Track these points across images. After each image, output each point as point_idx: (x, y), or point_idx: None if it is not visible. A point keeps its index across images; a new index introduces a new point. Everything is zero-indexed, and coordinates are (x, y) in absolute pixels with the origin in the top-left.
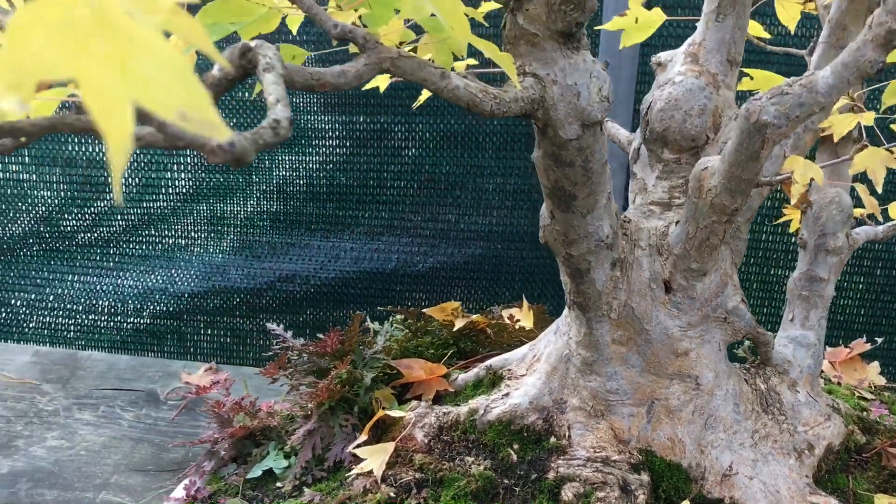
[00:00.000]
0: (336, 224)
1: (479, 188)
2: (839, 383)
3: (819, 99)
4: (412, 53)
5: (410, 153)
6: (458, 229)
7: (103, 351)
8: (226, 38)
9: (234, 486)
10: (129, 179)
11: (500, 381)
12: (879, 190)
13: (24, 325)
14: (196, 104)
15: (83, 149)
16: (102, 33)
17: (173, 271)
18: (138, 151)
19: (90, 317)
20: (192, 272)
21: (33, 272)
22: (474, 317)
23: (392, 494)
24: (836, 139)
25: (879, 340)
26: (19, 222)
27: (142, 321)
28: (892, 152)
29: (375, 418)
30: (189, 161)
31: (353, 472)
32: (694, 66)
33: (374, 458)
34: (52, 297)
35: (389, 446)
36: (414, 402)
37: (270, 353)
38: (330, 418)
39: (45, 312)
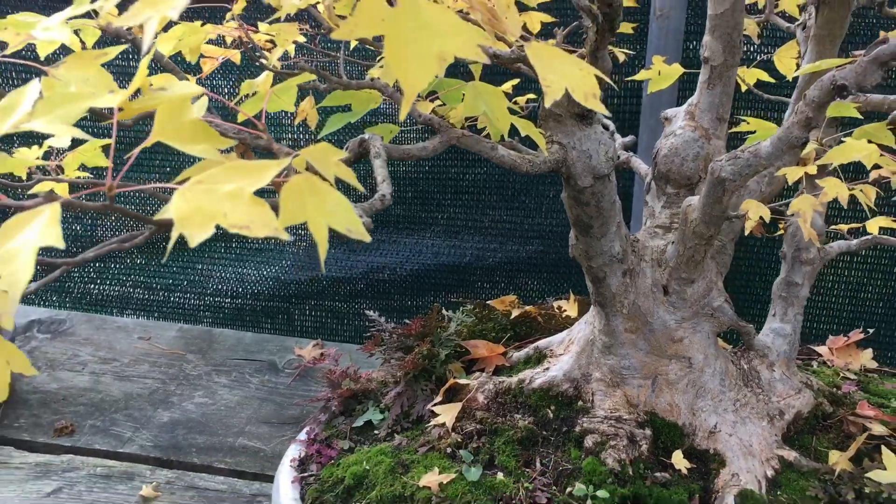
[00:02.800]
0: (419, 224)
1: (540, 195)
2: (831, 366)
3: (762, 161)
4: (470, 133)
5: (483, 167)
6: (522, 229)
7: (229, 328)
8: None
9: (343, 432)
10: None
11: (543, 358)
12: (805, 229)
13: (165, 305)
14: (354, 223)
15: None
16: (313, 193)
17: (284, 262)
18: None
19: (216, 299)
20: (300, 263)
21: (171, 262)
22: (528, 307)
23: (459, 439)
24: (790, 182)
25: (871, 331)
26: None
27: (258, 303)
28: (849, 187)
29: (448, 385)
30: None
31: (431, 423)
32: (691, 122)
33: (447, 414)
34: (185, 283)
35: (458, 405)
36: (478, 374)
37: (367, 334)
38: (414, 384)
39: (181, 295)
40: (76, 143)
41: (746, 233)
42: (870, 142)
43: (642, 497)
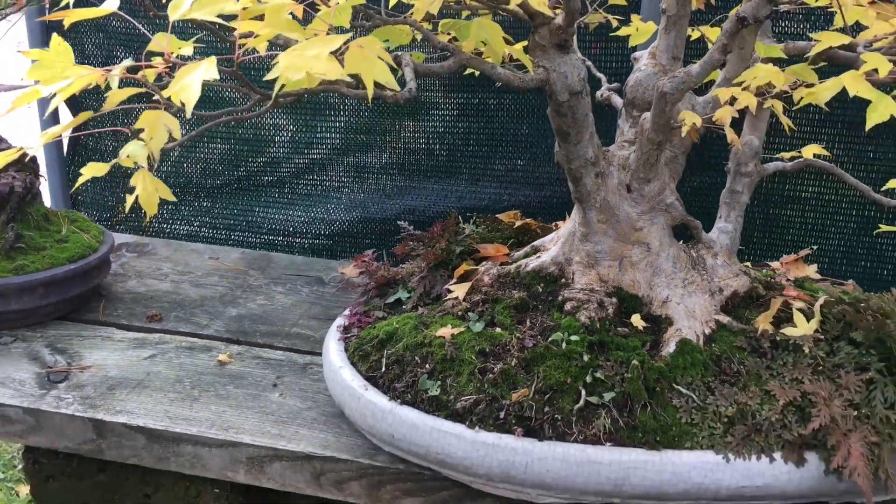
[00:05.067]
0: (445, 172)
1: (549, 146)
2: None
3: (693, 79)
4: (476, 56)
5: (500, 120)
6: (534, 176)
7: None
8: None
9: (378, 307)
10: (297, 136)
11: (536, 251)
12: (728, 132)
13: (226, 242)
14: (390, 80)
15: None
16: (365, 57)
17: (329, 205)
18: (307, 118)
19: (270, 237)
20: (342, 206)
21: (232, 206)
22: (528, 220)
23: (468, 307)
24: (721, 102)
25: (815, 247)
26: (222, 174)
27: (306, 241)
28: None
29: (461, 270)
30: (341, 125)
31: (447, 298)
32: (652, 60)
33: (459, 290)
34: (244, 223)
35: (468, 284)
36: (485, 263)
37: (398, 238)
38: (434, 272)
39: (240, 234)
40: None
41: (683, 134)
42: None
43: (606, 343)
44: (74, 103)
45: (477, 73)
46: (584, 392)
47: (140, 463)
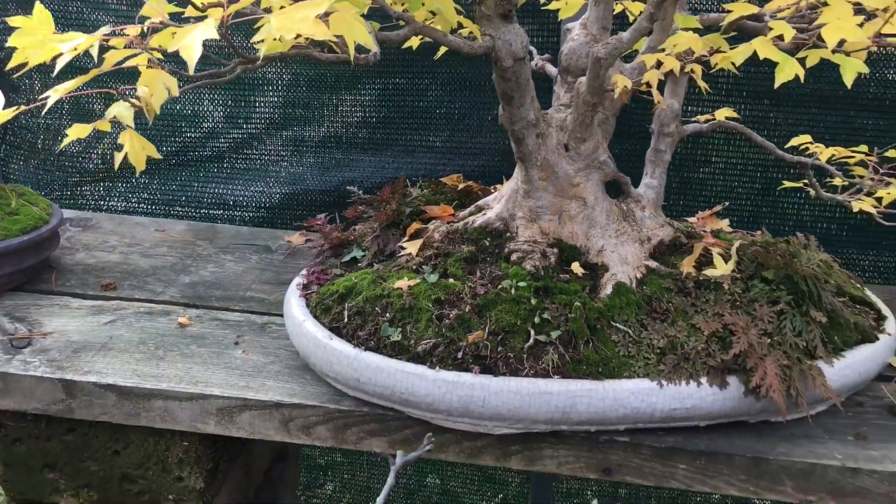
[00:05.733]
0: (381, 144)
1: (481, 118)
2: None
3: (624, 45)
4: (429, 25)
5: (434, 93)
6: (467, 147)
7: None
8: None
9: (334, 265)
10: (235, 111)
11: (480, 209)
12: (655, 94)
13: (165, 218)
14: (369, 41)
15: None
16: (346, 21)
17: (268, 179)
18: (245, 93)
19: (211, 211)
20: (281, 180)
21: (170, 182)
22: (471, 182)
23: (421, 261)
24: (647, 66)
25: (727, 203)
26: (159, 149)
27: (247, 214)
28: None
29: (412, 229)
30: (278, 99)
31: (400, 254)
32: (584, 31)
33: (412, 247)
34: (183, 199)
35: (420, 241)
36: (434, 222)
37: (349, 202)
38: (386, 231)
39: (180, 209)
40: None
41: (616, 96)
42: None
43: (550, 288)
44: (7, 83)
45: (415, 47)
46: (532, 332)
47: (111, 420)
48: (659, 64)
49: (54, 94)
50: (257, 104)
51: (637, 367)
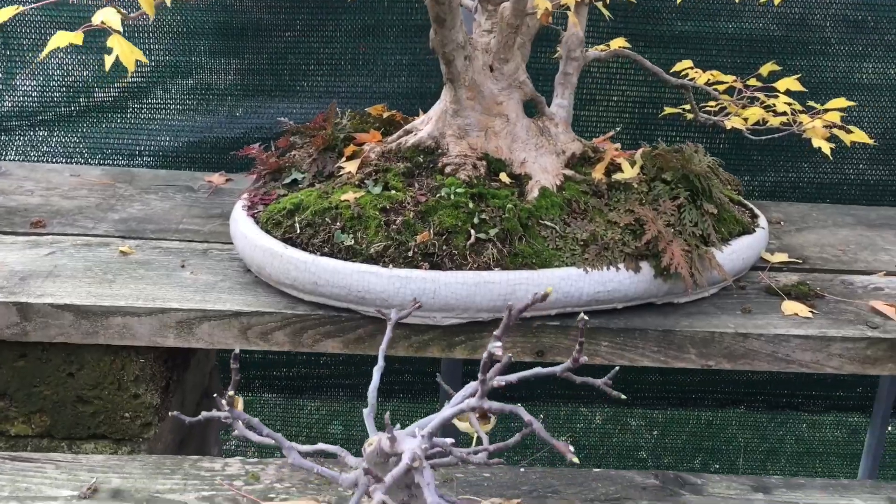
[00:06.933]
0: (288, 91)
1: (385, 63)
2: None
3: None
4: None
5: (340, 41)
6: (372, 91)
7: None
8: None
9: (276, 188)
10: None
11: (409, 132)
12: (571, 16)
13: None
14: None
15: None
16: None
17: (174, 129)
18: (150, 43)
19: (115, 161)
20: (188, 129)
21: (71, 134)
22: (394, 111)
23: (362, 177)
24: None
25: (619, 128)
26: (60, 103)
27: (156, 162)
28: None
29: (349, 151)
30: (182, 47)
31: (340, 173)
32: None
33: (351, 166)
34: (84, 151)
35: (358, 160)
36: (368, 144)
37: (278, 133)
38: (324, 154)
39: (81, 161)
40: None
41: (538, 16)
42: None
43: (484, 194)
44: None
45: None
46: (473, 231)
47: (67, 340)
48: None
49: None
50: (162, 52)
51: (565, 257)
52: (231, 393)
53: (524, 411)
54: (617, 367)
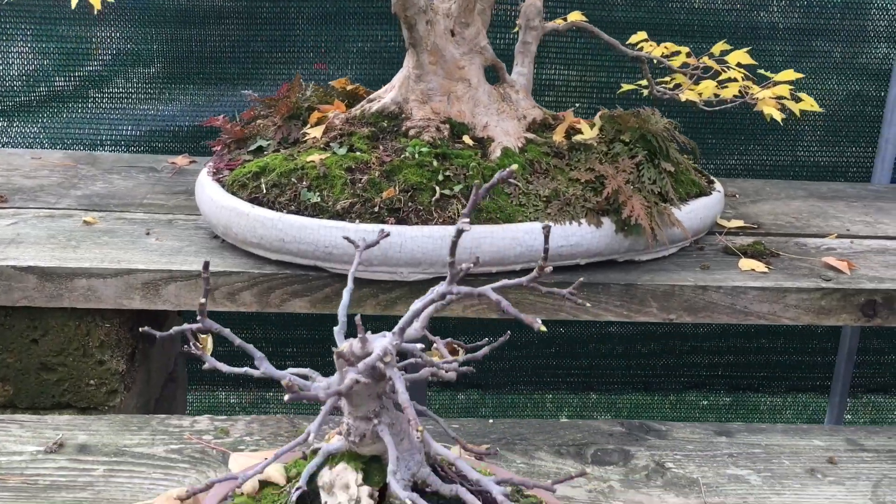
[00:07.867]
0: (251, 79)
1: (346, 50)
2: None
3: None
4: None
5: (301, 28)
6: (333, 79)
7: None
8: None
9: (241, 154)
10: (92, 47)
11: (375, 100)
12: None
13: None
14: None
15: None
16: None
17: (136, 117)
18: (102, 28)
19: (78, 148)
20: (150, 116)
21: (33, 123)
22: (357, 85)
23: (327, 140)
24: None
25: (577, 105)
26: (19, 92)
27: (118, 150)
28: None
29: (315, 117)
30: (120, 34)
31: (305, 139)
32: None
33: (316, 131)
34: (44, 139)
35: (323, 126)
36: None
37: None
38: (289, 122)
39: (42, 147)
40: None
41: None
42: None
43: (448, 154)
44: None
45: None
46: (437, 188)
47: (31, 304)
48: None
49: None
50: (115, 40)
51: (528, 212)
52: (202, 300)
53: (492, 292)
54: (581, 279)
